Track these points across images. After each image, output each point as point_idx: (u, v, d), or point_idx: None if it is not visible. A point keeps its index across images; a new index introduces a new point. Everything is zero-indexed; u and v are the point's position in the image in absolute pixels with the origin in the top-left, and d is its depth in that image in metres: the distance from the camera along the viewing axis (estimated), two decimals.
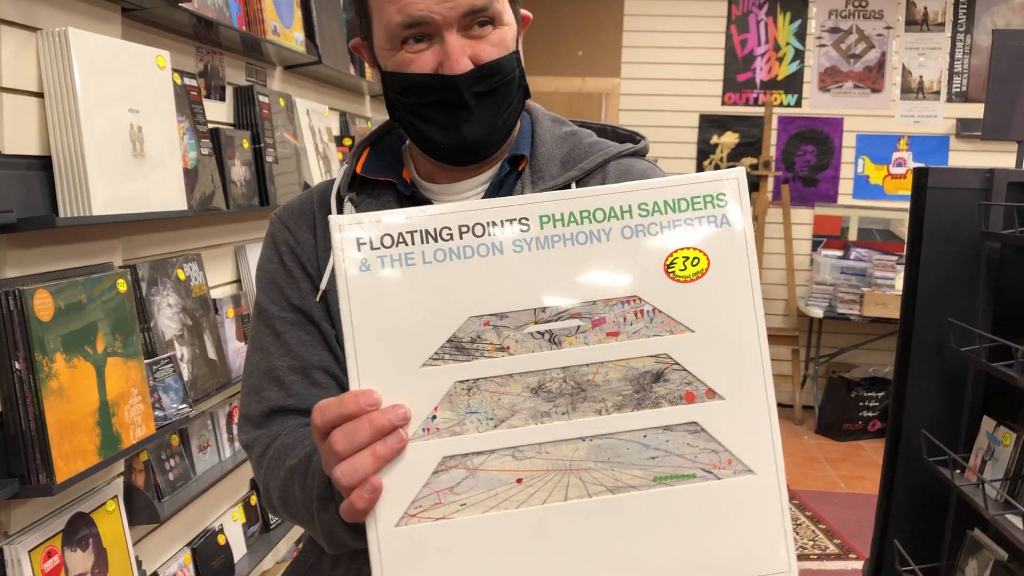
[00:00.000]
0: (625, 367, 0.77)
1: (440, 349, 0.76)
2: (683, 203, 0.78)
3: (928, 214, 2.45)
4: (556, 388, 0.77)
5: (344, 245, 0.76)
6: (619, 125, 1.14)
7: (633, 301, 0.77)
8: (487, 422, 0.77)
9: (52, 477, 1.37)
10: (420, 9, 0.90)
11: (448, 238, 0.76)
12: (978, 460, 2.31)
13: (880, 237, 5.53)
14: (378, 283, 0.76)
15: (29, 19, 1.41)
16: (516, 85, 0.99)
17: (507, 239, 0.77)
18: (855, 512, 4.02)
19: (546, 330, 0.77)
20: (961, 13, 5.46)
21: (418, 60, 0.93)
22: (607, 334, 0.77)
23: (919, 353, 2.50)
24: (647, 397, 0.78)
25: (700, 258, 0.78)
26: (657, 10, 5.60)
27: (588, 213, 0.77)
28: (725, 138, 5.67)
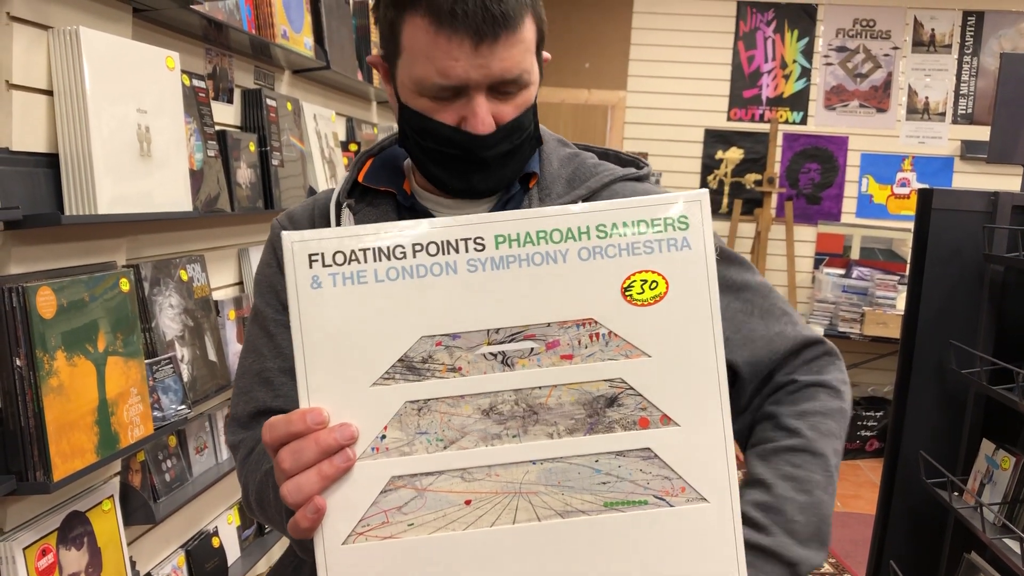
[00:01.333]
0: (578, 391, 0.76)
1: (391, 368, 0.76)
2: (643, 225, 0.76)
3: (932, 236, 2.45)
4: (508, 410, 0.76)
5: (296, 261, 0.75)
6: (621, 151, 1.15)
7: (589, 324, 0.76)
8: (437, 443, 0.76)
9: (49, 475, 1.37)
10: (459, 75, 0.91)
11: (401, 256, 0.75)
12: (976, 483, 2.30)
13: (882, 257, 5.53)
14: (329, 300, 0.75)
15: (41, 17, 1.41)
16: (530, 137, 1.01)
17: (461, 259, 0.75)
18: (851, 532, 4.01)
19: (499, 351, 0.76)
20: (968, 35, 5.48)
21: (442, 111, 0.94)
22: (561, 357, 0.76)
23: (919, 374, 2.50)
24: (600, 421, 0.76)
25: (659, 282, 0.76)
26: (664, 24, 5.61)
27: (545, 234, 0.76)
28: (730, 154, 5.68)
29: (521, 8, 0.91)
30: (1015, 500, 2.14)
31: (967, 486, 2.33)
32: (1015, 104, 2.37)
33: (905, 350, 2.52)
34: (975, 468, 2.34)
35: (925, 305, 2.45)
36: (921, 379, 2.49)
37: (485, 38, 0.89)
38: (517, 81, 0.93)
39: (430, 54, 0.90)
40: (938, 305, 2.45)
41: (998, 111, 2.38)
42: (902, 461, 2.50)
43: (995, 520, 2.15)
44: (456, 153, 0.96)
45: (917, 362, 2.49)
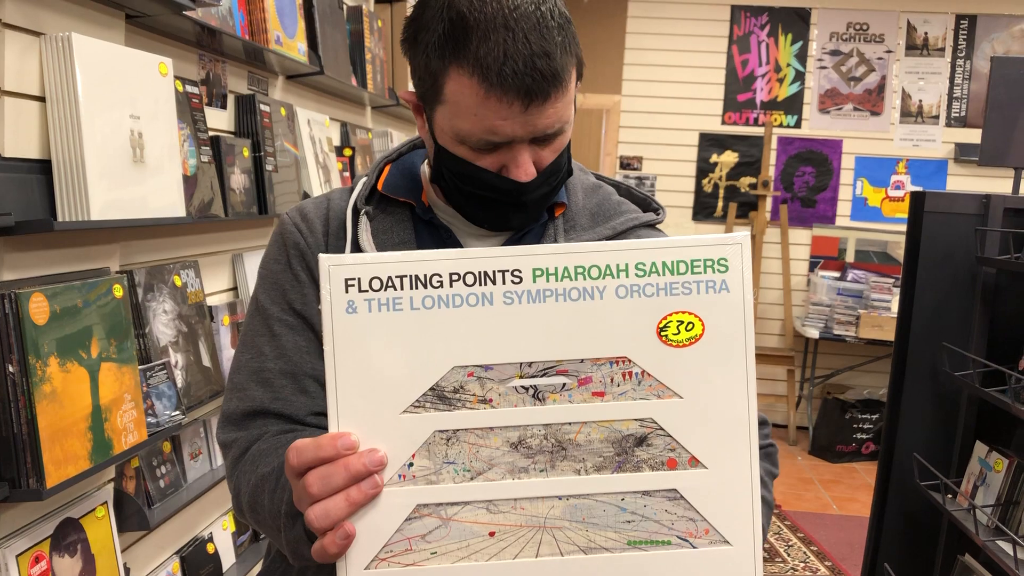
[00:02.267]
0: (608, 428, 0.76)
1: (422, 397, 0.76)
2: (682, 265, 0.76)
3: (924, 238, 2.46)
4: (536, 444, 0.76)
5: (332, 284, 0.75)
6: (632, 186, 1.16)
7: (622, 362, 0.76)
8: (464, 473, 0.76)
9: (42, 482, 1.36)
10: (507, 134, 0.91)
11: (438, 285, 0.75)
12: (970, 485, 2.31)
13: (877, 259, 5.54)
14: (364, 326, 0.75)
15: (33, 24, 1.41)
16: (565, 173, 1.01)
17: (498, 290, 0.75)
18: (847, 534, 4.01)
19: (531, 385, 0.76)
20: (961, 39, 5.50)
21: (483, 158, 0.94)
22: (592, 394, 0.76)
23: (913, 377, 2.50)
24: (628, 460, 0.76)
25: (695, 323, 0.76)
26: (659, 28, 5.63)
27: (583, 270, 0.76)
28: (724, 157, 5.70)
29: (566, 60, 0.90)
30: (1008, 502, 2.14)
31: (960, 488, 2.33)
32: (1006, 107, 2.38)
33: (899, 352, 2.53)
34: (968, 470, 2.35)
35: (918, 308, 2.46)
36: (915, 381, 2.50)
37: (535, 99, 0.88)
38: (559, 132, 0.94)
39: (478, 113, 0.89)
40: (931, 307, 2.45)
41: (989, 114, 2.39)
42: (896, 463, 2.51)
43: (988, 522, 2.15)
44: (495, 199, 0.96)
45: (911, 364, 2.49)
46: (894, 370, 2.55)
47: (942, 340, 2.43)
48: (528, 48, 0.86)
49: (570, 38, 0.91)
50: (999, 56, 2.46)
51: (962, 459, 2.40)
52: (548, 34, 0.88)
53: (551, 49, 0.87)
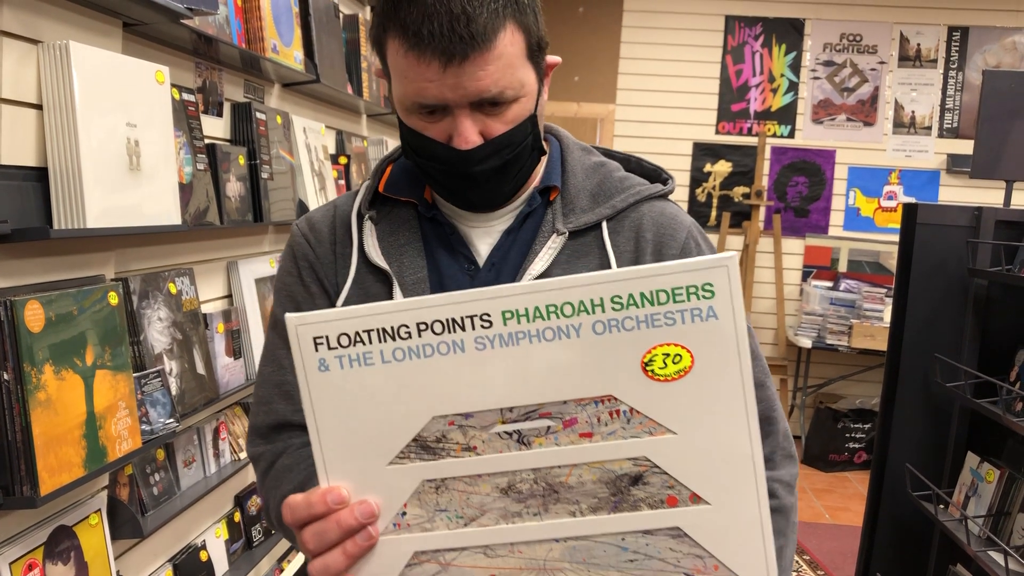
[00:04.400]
0: (600, 469, 0.73)
1: (405, 448, 0.75)
2: (662, 295, 0.70)
3: (916, 250, 2.48)
4: (527, 489, 0.74)
5: (301, 344, 0.74)
6: (643, 158, 1.14)
7: (608, 401, 0.72)
8: (457, 520, 0.75)
9: (36, 489, 1.36)
10: (432, 94, 0.91)
11: (407, 336, 0.73)
12: (962, 496, 2.32)
13: (870, 269, 5.57)
14: (338, 383, 0.74)
15: (31, 32, 1.42)
16: (528, 149, 1.00)
17: (468, 336, 0.72)
18: (839, 544, 4.02)
19: (514, 430, 0.73)
20: (953, 51, 5.53)
21: (433, 128, 0.95)
22: (580, 435, 0.72)
23: (905, 387, 2.52)
24: (625, 500, 0.73)
25: (683, 355, 0.70)
26: (653, 38, 5.65)
27: (555, 308, 0.71)
28: (718, 166, 5.72)
29: (494, 23, 0.88)
30: (1000, 513, 2.16)
31: (952, 499, 2.34)
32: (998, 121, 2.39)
33: (891, 363, 2.54)
34: (960, 480, 2.36)
35: (910, 319, 2.48)
36: (907, 392, 2.51)
37: (453, 59, 0.88)
38: (499, 98, 0.92)
39: (406, 74, 0.91)
40: (923, 319, 2.47)
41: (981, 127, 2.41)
42: (888, 473, 2.52)
43: (980, 533, 2.16)
44: (444, 169, 0.96)
45: (903, 375, 2.51)
46: (886, 380, 2.56)
47: (934, 351, 2.44)
48: (447, 8, 0.87)
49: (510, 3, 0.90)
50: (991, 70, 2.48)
51: (954, 469, 2.41)
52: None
53: (473, 11, 0.87)
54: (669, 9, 5.62)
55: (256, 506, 2.36)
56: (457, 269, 1.04)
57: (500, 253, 1.04)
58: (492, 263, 1.04)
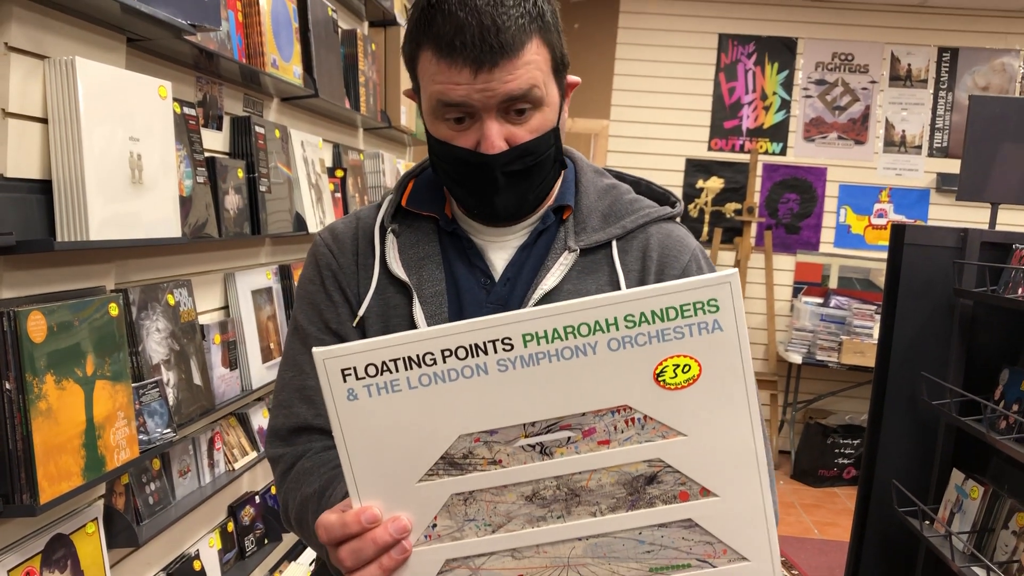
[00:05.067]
0: (618, 472, 0.78)
1: (434, 466, 0.79)
2: (672, 311, 0.75)
3: (904, 270, 2.52)
4: (550, 495, 0.79)
5: (329, 376, 0.77)
6: (652, 182, 1.19)
7: (623, 410, 0.77)
8: (485, 528, 0.80)
9: (36, 498, 1.38)
10: (460, 95, 0.95)
11: (432, 363, 0.77)
12: (947, 512, 2.35)
13: (860, 286, 5.61)
14: (367, 410, 0.78)
15: (38, 47, 1.44)
16: (551, 160, 1.04)
17: (491, 360, 0.76)
18: (828, 559, 4.04)
19: (537, 443, 0.78)
20: (943, 71, 5.60)
21: (459, 136, 0.99)
22: (598, 443, 0.77)
23: (892, 405, 2.55)
24: (641, 498, 0.79)
25: (691, 365, 0.76)
26: (647, 55, 5.70)
27: (572, 328, 0.76)
28: (710, 183, 5.76)
29: (522, 36, 0.94)
30: (984, 529, 2.19)
31: (937, 515, 2.37)
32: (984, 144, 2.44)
33: (879, 381, 2.58)
34: (945, 497, 2.39)
35: (898, 337, 2.51)
36: (894, 409, 2.54)
37: (483, 65, 0.93)
38: (526, 97, 0.97)
39: (435, 79, 0.96)
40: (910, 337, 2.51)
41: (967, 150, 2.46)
42: (876, 490, 2.55)
43: (964, 549, 2.19)
44: (471, 173, 1.00)
45: (890, 393, 2.54)
46: (874, 398, 2.60)
47: (921, 369, 2.48)
48: (479, 21, 0.92)
49: (536, 13, 0.96)
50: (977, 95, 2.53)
51: (939, 486, 2.45)
52: (502, 9, 0.93)
53: (503, 23, 0.93)
54: (663, 27, 5.68)
55: (250, 516, 2.38)
56: (474, 283, 1.08)
57: (515, 268, 1.08)
58: (507, 278, 1.08)
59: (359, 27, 3.32)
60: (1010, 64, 5.55)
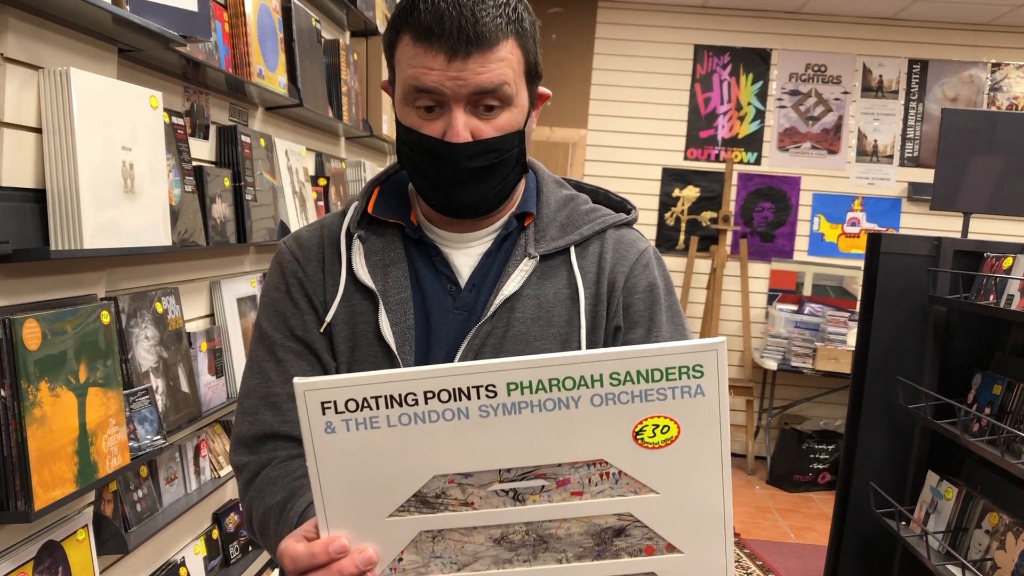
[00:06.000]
0: (588, 523, 0.79)
1: (406, 503, 0.79)
2: (657, 373, 0.76)
3: (880, 277, 2.57)
4: (518, 539, 0.79)
5: (308, 407, 0.77)
6: (610, 191, 1.22)
7: (599, 464, 0.78)
8: (451, 565, 0.80)
9: (30, 504, 1.39)
10: (433, 80, 0.98)
11: (413, 403, 0.76)
12: (922, 512, 2.40)
13: (833, 294, 5.69)
14: (343, 444, 0.77)
15: (33, 58, 1.46)
16: (513, 162, 1.06)
17: (473, 405, 0.76)
18: (804, 562, 4.10)
19: (510, 488, 0.78)
20: (914, 82, 5.71)
21: (427, 125, 1.01)
22: (571, 493, 0.78)
23: (869, 409, 2.60)
24: (607, 549, 0.79)
25: (670, 426, 0.77)
26: (624, 65, 5.76)
27: (557, 381, 0.76)
28: (687, 192, 5.82)
29: (498, 31, 0.98)
30: (958, 529, 2.24)
31: (914, 515, 2.43)
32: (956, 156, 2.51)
33: (856, 386, 2.63)
34: (921, 498, 2.45)
35: (874, 343, 2.57)
36: (871, 413, 2.60)
37: (458, 54, 0.96)
38: (496, 93, 0.99)
39: (411, 63, 0.99)
40: (886, 343, 2.56)
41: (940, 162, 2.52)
42: (853, 492, 2.60)
43: (940, 548, 2.24)
44: (433, 163, 1.02)
45: (867, 397, 2.59)
46: (851, 402, 2.65)
47: (896, 374, 2.53)
48: (459, 12, 0.96)
49: (514, 17, 1.00)
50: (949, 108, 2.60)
51: (915, 488, 2.50)
52: (483, 6, 0.97)
53: (480, 16, 0.97)
54: (640, 38, 5.74)
55: (234, 523, 2.38)
56: (440, 289, 1.09)
57: (480, 274, 1.10)
58: (473, 284, 1.10)
59: (341, 37, 3.34)
60: (978, 76, 5.67)
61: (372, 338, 1.06)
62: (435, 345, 1.07)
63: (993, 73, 5.65)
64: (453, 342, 1.07)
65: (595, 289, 1.10)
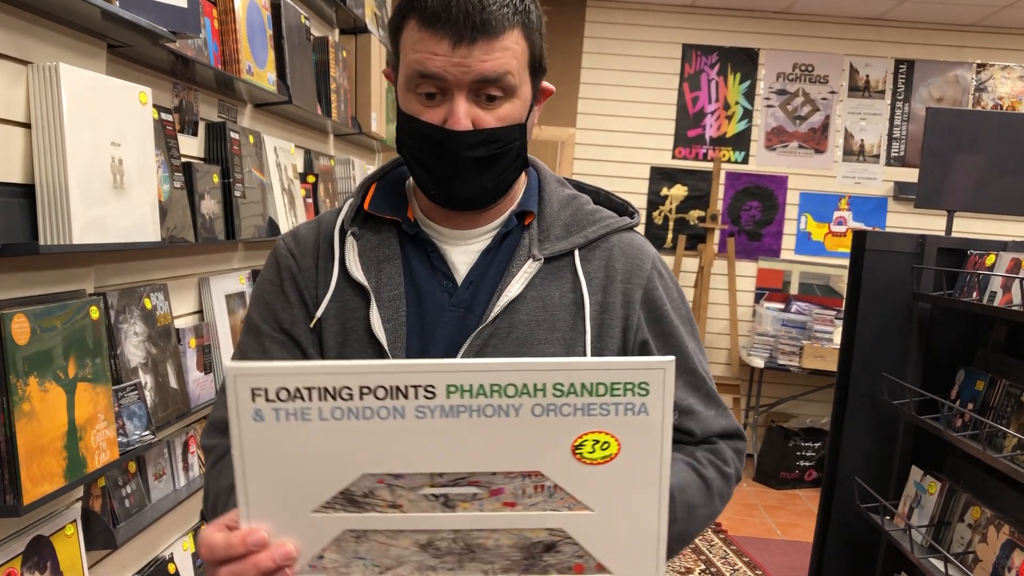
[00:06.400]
0: (518, 536, 0.77)
1: (332, 499, 0.77)
2: (601, 387, 0.74)
3: (865, 275, 2.60)
4: (445, 547, 0.77)
5: (238, 392, 0.74)
6: (611, 192, 1.21)
7: (534, 475, 0.76)
8: (373, 568, 0.78)
9: (19, 498, 1.39)
10: (437, 66, 0.98)
11: (348, 398, 0.74)
12: (906, 507, 2.43)
13: (820, 292, 5.72)
14: (271, 434, 0.75)
15: (22, 53, 1.46)
16: (514, 155, 1.05)
17: (410, 404, 0.74)
18: (790, 559, 4.12)
19: (441, 494, 0.76)
20: (900, 82, 5.75)
21: (428, 112, 1.01)
22: (503, 504, 0.76)
23: (854, 405, 2.63)
24: (536, 564, 0.77)
25: (611, 443, 0.75)
26: (613, 64, 5.78)
27: (499, 388, 0.74)
28: (675, 191, 5.85)
29: (504, 20, 0.98)
30: (941, 523, 2.27)
31: (898, 510, 2.45)
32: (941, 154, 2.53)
33: (841, 382, 2.65)
34: (905, 493, 2.47)
35: (859, 340, 2.59)
36: (856, 409, 2.62)
37: (463, 40, 0.96)
38: (499, 82, 0.99)
39: (415, 47, 0.99)
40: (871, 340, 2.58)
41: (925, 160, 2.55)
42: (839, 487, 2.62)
43: (923, 541, 2.27)
44: (434, 150, 1.01)
45: (852, 393, 2.62)
46: (837, 398, 2.67)
47: (881, 370, 2.55)
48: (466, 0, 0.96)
49: (521, 8, 1.01)
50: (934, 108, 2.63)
51: (899, 483, 2.53)
52: None
53: (488, 4, 0.97)
54: (628, 37, 5.76)
55: None
56: (436, 286, 1.09)
57: (478, 272, 1.09)
58: (470, 281, 1.09)
59: (330, 34, 3.35)
60: (963, 76, 5.71)
61: (363, 334, 1.06)
62: (431, 343, 1.06)
63: (978, 73, 5.70)
64: (451, 340, 1.06)
65: (602, 296, 1.08)
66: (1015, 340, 2.40)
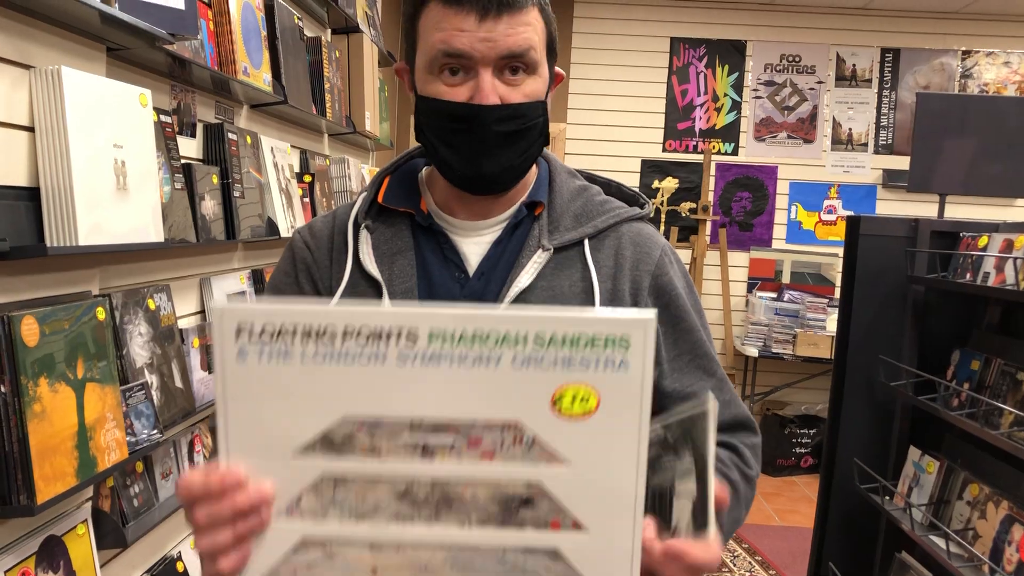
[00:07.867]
0: (495, 487, 0.77)
1: (311, 443, 0.77)
2: (582, 339, 0.74)
3: (860, 259, 2.62)
4: (422, 496, 0.77)
5: (223, 330, 0.75)
6: (623, 184, 1.22)
7: (514, 428, 0.76)
8: (349, 514, 0.78)
9: (33, 498, 1.40)
10: (463, 43, 0.98)
11: (331, 341, 0.74)
12: (905, 486, 2.46)
13: (812, 280, 5.76)
14: (254, 374, 0.75)
15: (24, 57, 1.47)
16: (538, 132, 1.06)
17: (392, 350, 0.74)
18: (789, 544, 4.16)
19: (421, 442, 0.76)
20: (887, 71, 5.79)
21: (452, 91, 1.01)
22: (482, 454, 0.76)
23: (852, 387, 2.66)
24: (512, 518, 0.77)
25: (590, 397, 0.75)
26: (602, 59, 5.81)
27: (481, 336, 0.74)
28: (666, 183, 5.88)
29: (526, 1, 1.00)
30: (940, 501, 2.30)
31: (897, 490, 2.48)
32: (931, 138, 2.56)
33: (838, 365, 2.68)
34: (903, 473, 2.50)
35: (855, 323, 2.62)
36: (853, 392, 2.65)
37: (489, 13, 0.97)
38: (524, 57, 1.00)
39: (440, 26, 0.99)
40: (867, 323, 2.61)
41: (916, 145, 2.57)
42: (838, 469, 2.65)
43: (923, 519, 2.30)
44: (461, 127, 1.01)
45: (849, 376, 2.65)
46: (834, 381, 2.70)
47: (877, 353, 2.58)
48: None
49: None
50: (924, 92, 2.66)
51: (897, 463, 2.56)
52: None
53: None
54: (616, 31, 5.78)
55: None
56: (447, 277, 1.10)
57: (489, 263, 1.10)
58: (481, 272, 1.10)
59: (323, 34, 3.36)
60: (949, 64, 5.75)
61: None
62: None
63: (964, 60, 5.74)
64: None
65: (612, 284, 1.09)
66: (1009, 319, 2.44)
